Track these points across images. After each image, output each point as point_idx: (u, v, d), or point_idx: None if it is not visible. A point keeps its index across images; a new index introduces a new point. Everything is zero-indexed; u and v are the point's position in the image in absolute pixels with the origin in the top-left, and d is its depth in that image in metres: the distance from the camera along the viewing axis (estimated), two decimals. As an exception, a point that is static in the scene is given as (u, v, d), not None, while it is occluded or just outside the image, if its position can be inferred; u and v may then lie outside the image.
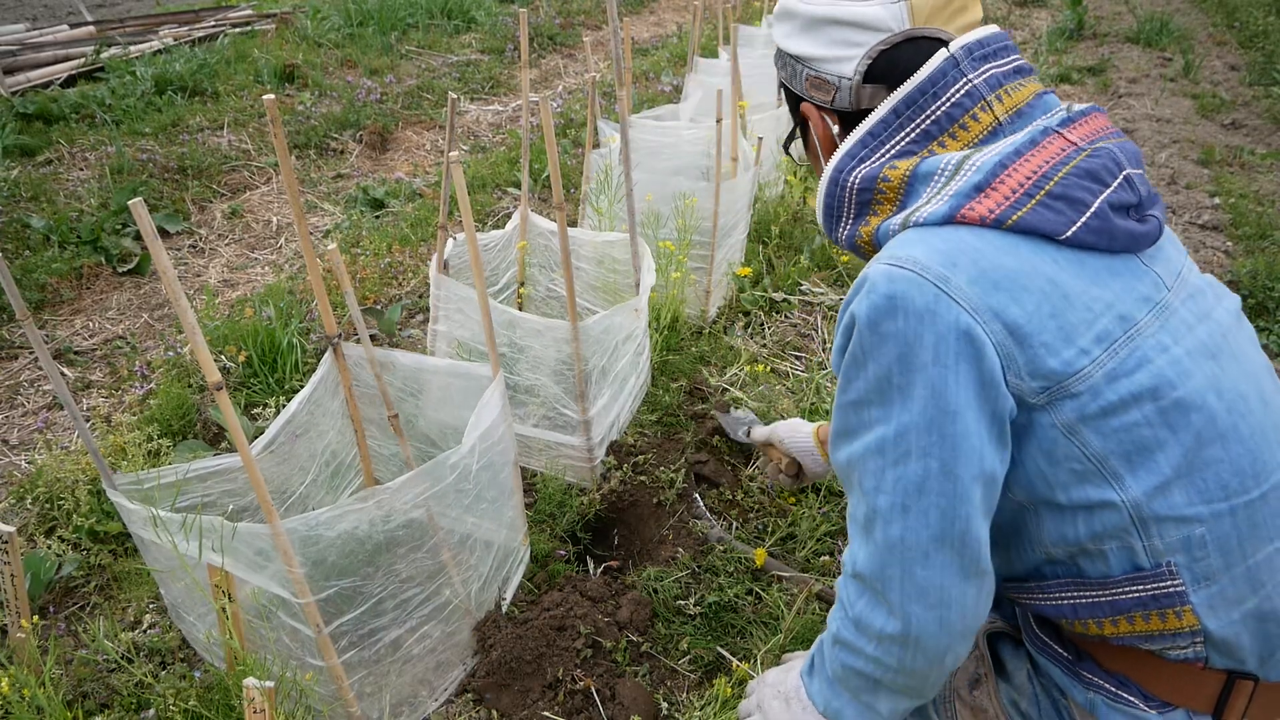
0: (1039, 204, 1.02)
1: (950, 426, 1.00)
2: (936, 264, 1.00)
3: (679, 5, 9.17)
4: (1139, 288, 1.05)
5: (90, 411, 2.73)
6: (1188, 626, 1.06)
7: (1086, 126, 1.11)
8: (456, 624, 1.77)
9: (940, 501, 1.01)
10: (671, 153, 3.20)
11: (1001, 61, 1.14)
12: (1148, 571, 1.05)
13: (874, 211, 1.16)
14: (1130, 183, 1.05)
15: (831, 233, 1.24)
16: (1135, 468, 1.02)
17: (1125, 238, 1.04)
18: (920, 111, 1.12)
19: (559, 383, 2.22)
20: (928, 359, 0.99)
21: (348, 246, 3.79)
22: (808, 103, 1.25)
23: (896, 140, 1.14)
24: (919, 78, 1.11)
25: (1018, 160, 1.05)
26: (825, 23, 1.17)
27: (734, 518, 2.26)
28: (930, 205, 1.07)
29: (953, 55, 1.11)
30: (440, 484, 1.57)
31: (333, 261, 1.57)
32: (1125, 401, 1.01)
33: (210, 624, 1.57)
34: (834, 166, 1.18)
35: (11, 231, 3.64)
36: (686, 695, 1.81)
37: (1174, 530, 1.03)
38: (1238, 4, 8.42)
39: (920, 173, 1.10)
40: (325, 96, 5.51)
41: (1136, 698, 1.13)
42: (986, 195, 1.03)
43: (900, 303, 1.00)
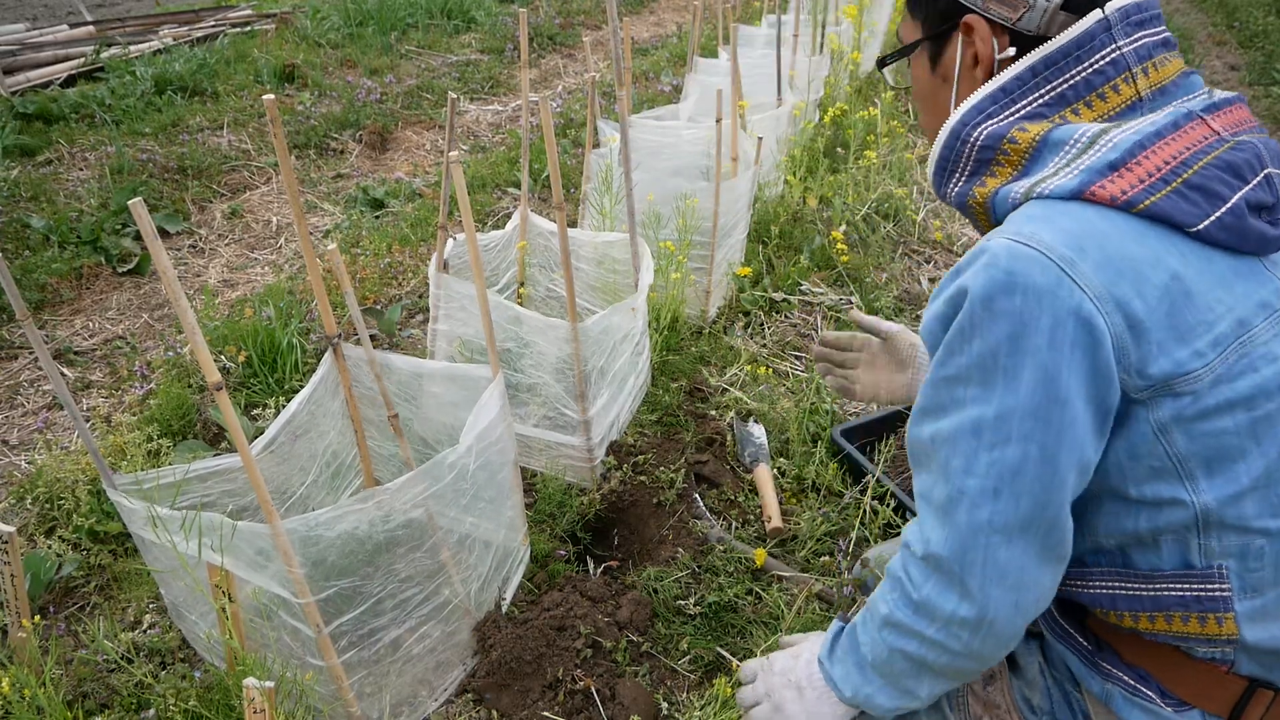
0: (1174, 191, 0.96)
1: (1057, 414, 0.96)
2: (1063, 245, 0.95)
3: (679, 5, 9.17)
4: (1260, 293, 1.00)
5: (90, 411, 2.73)
6: (1225, 634, 1.05)
7: (1230, 116, 1.05)
8: (456, 624, 1.77)
9: (1035, 488, 0.98)
10: (671, 153, 3.20)
11: (1153, 31, 1.06)
12: (1197, 570, 1.03)
13: (992, 173, 1.09)
14: (1270, 182, 1.00)
15: (941, 188, 1.17)
16: (1213, 473, 1.00)
17: (1256, 239, 0.99)
18: (1060, 74, 1.05)
19: (560, 381, 2.23)
20: (1042, 342, 0.94)
21: (348, 246, 3.79)
22: (977, 15, 1.11)
23: (1029, 100, 1.06)
24: (1065, 37, 1.04)
25: (1157, 143, 0.98)
26: None
27: (734, 518, 2.26)
28: (1058, 178, 1.00)
29: (1106, 18, 1.03)
30: (439, 484, 1.57)
31: (333, 261, 1.57)
32: (1221, 407, 0.97)
33: (210, 624, 1.57)
34: (959, 119, 1.10)
35: (11, 231, 3.64)
36: (686, 695, 1.81)
37: (1235, 537, 1.01)
38: (1238, 4, 8.42)
39: (1051, 140, 1.03)
40: (325, 96, 5.51)
41: (1154, 693, 1.12)
42: (1120, 175, 0.97)
43: (1020, 281, 0.94)
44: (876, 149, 4.06)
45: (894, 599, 1.11)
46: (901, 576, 1.10)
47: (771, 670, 1.32)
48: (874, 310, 3.21)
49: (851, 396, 1.77)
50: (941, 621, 1.06)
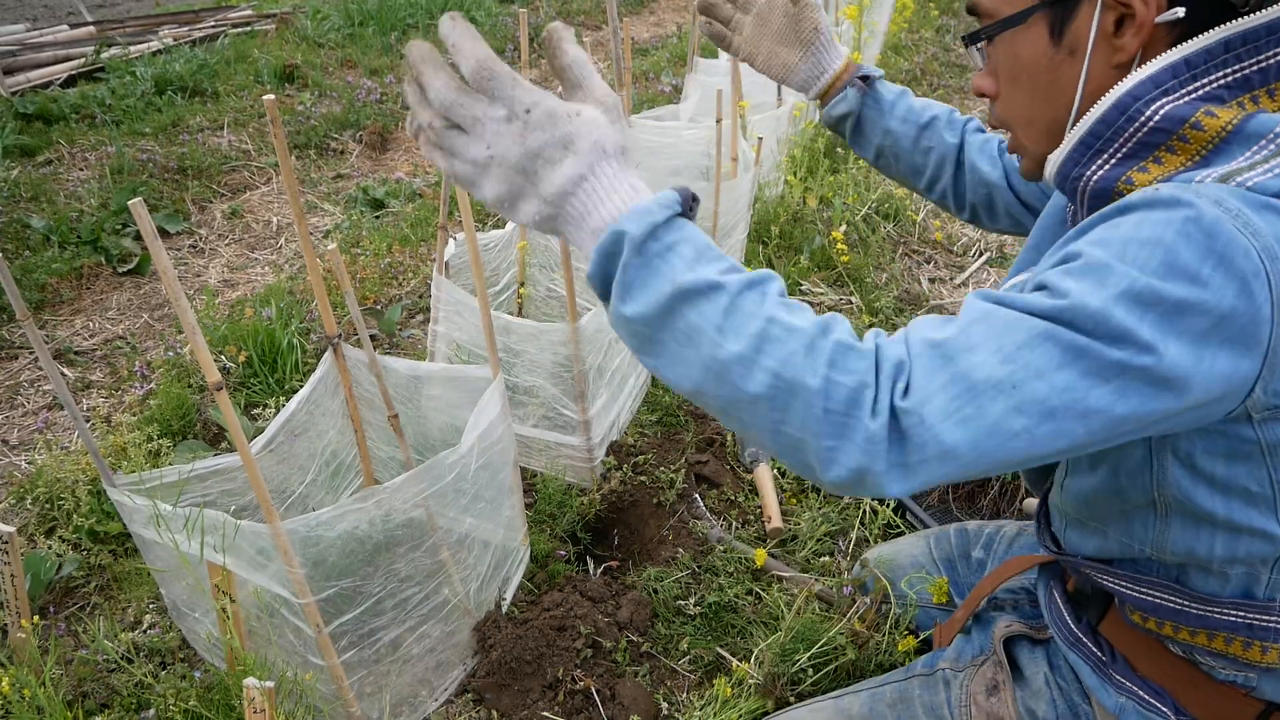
0: None
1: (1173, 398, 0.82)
2: (1271, 239, 0.81)
3: (679, 5, 9.17)
4: None
5: (90, 411, 2.73)
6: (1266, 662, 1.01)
7: None
8: (456, 624, 1.77)
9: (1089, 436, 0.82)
10: (671, 153, 3.20)
11: None
12: (1258, 602, 0.99)
13: (1158, 159, 0.93)
14: None
15: (1076, 168, 0.98)
16: None
17: None
18: (1257, 53, 0.90)
19: (557, 384, 2.23)
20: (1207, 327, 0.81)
21: (348, 246, 3.79)
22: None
23: (1212, 79, 0.91)
24: (1270, 13, 0.89)
25: None
26: None
27: (734, 518, 2.26)
28: (1258, 174, 0.85)
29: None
30: (439, 483, 1.58)
31: (333, 261, 1.57)
32: None
33: (211, 623, 1.57)
34: (1129, 90, 0.93)
35: (11, 231, 3.64)
36: (686, 695, 1.81)
37: None
38: (1238, 4, 8.41)
39: (1247, 130, 0.88)
40: (325, 96, 5.51)
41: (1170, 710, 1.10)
42: None
43: (1217, 254, 0.80)
44: (876, 149, 4.05)
45: (830, 385, 0.79)
46: (867, 385, 0.79)
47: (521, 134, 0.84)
48: (875, 311, 3.21)
49: (726, 49, 1.59)
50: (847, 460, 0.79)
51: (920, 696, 1.36)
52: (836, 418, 0.78)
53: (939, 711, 1.33)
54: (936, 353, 0.81)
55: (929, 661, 1.43)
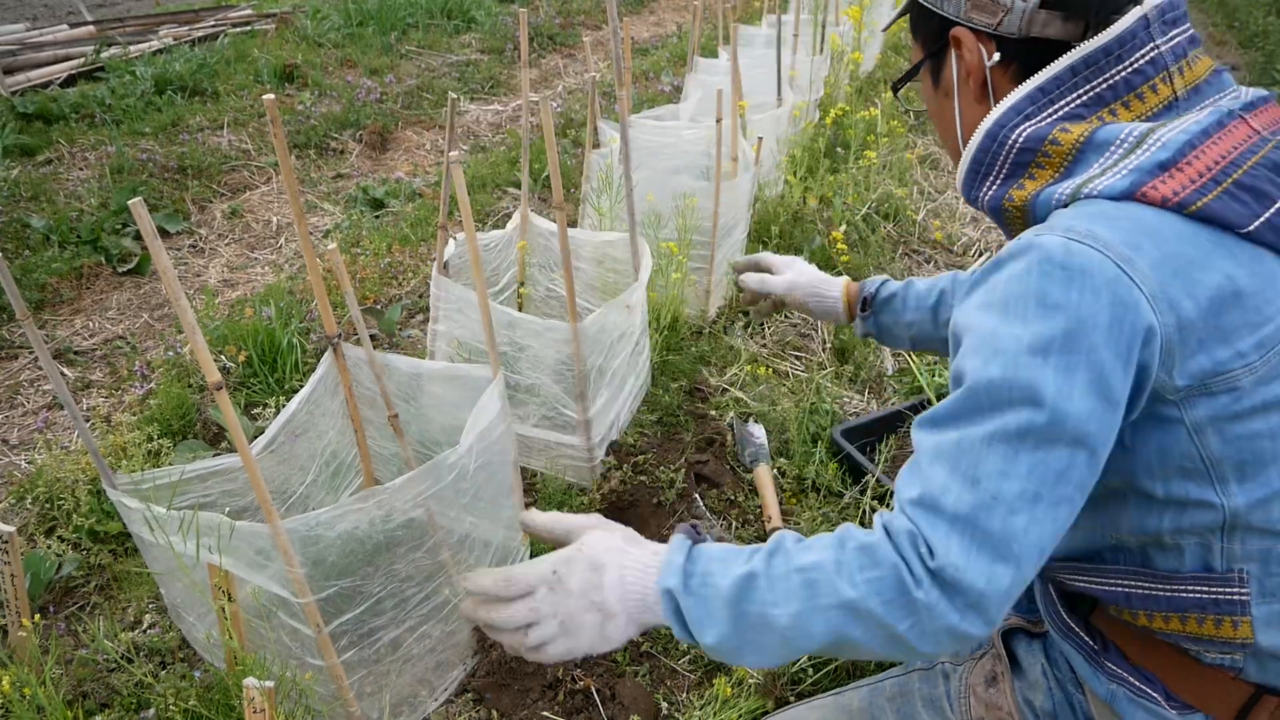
0: (1225, 192, 0.94)
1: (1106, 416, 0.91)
2: (1120, 243, 0.91)
3: (679, 5, 9.17)
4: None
5: (90, 411, 2.73)
6: (1240, 638, 1.04)
7: (1266, 115, 1.03)
8: (456, 623, 1.77)
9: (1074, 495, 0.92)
10: (671, 153, 3.20)
11: (1184, 29, 1.04)
12: (1218, 574, 1.02)
13: (1031, 175, 1.06)
14: None
15: (972, 191, 1.14)
16: (1245, 477, 0.98)
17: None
18: (1101, 73, 1.02)
19: (558, 382, 2.23)
20: (1099, 340, 0.89)
21: (348, 246, 3.79)
22: (963, 27, 1.12)
23: (1068, 100, 1.04)
24: (1107, 36, 1.01)
25: (1205, 142, 0.96)
26: None
27: (734, 518, 2.26)
28: (1106, 178, 0.97)
29: (1145, 15, 1.01)
30: (440, 483, 1.57)
31: (333, 261, 1.57)
32: (1257, 409, 0.96)
33: (210, 624, 1.57)
34: (996, 120, 1.07)
35: (11, 231, 3.64)
36: (686, 695, 1.81)
37: (1258, 541, 1.00)
38: (1238, 4, 8.41)
39: (1096, 140, 1.00)
40: (325, 96, 5.51)
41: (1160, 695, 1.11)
42: (1171, 175, 0.95)
43: (1078, 276, 0.90)
44: (877, 149, 4.05)
45: (869, 583, 0.92)
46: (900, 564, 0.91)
47: (566, 589, 1.05)
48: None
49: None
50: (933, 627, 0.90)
51: (920, 690, 1.37)
52: (896, 605, 0.90)
53: (938, 704, 1.34)
54: (924, 510, 0.93)
55: None
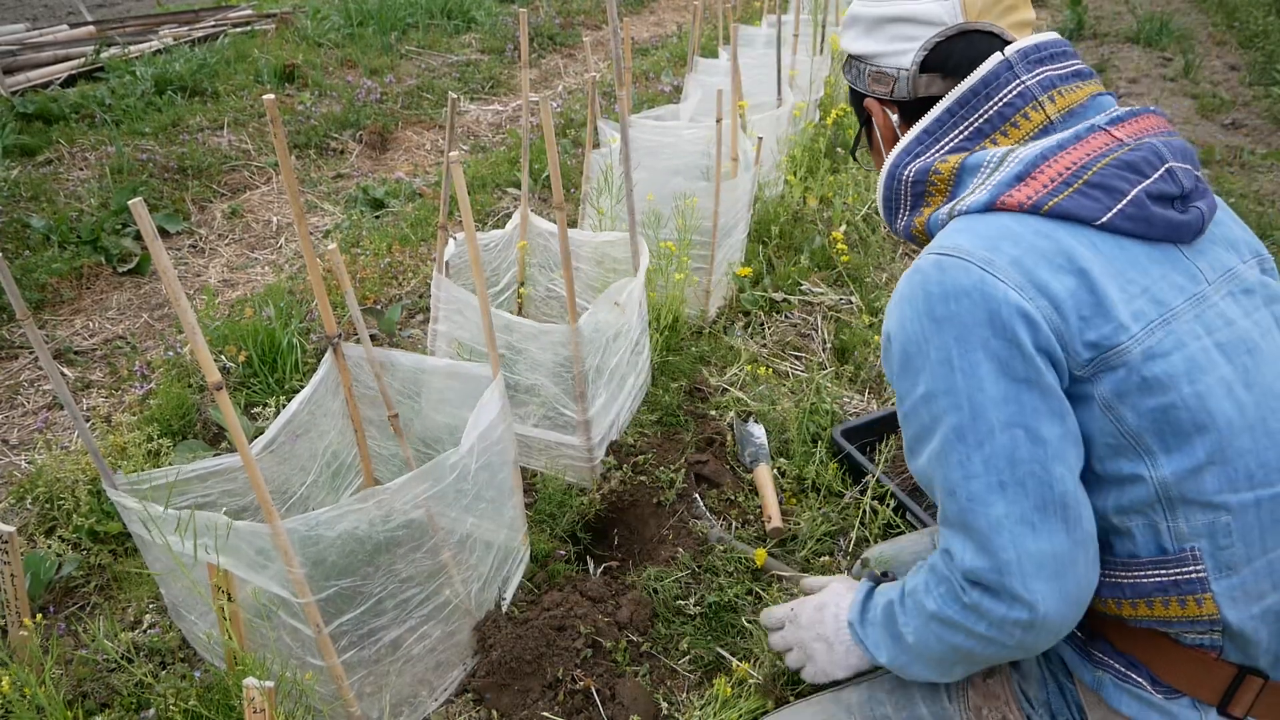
0: (1076, 192, 1.07)
1: (1025, 394, 1.04)
2: (980, 248, 1.07)
3: (679, 5, 9.17)
4: (1175, 277, 1.08)
5: (90, 411, 2.73)
6: (1206, 615, 1.07)
7: (1136, 125, 1.14)
8: (456, 624, 1.77)
9: (1034, 468, 1.04)
10: (671, 153, 3.20)
11: (1058, 65, 1.19)
12: (1171, 555, 1.07)
13: (926, 203, 1.23)
14: (1173, 175, 1.08)
15: (891, 224, 1.31)
16: (1169, 448, 1.05)
17: (1164, 225, 1.08)
18: (973, 111, 1.19)
19: (557, 383, 2.23)
20: (987, 333, 1.04)
21: (348, 246, 3.79)
22: (870, 98, 1.34)
23: (951, 137, 1.21)
24: (973, 79, 1.18)
25: (1059, 153, 1.10)
26: (886, 21, 1.28)
27: (734, 518, 2.26)
28: (973, 195, 1.14)
29: (1007, 59, 1.18)
30: (440, 484, 1.57)
31: (333, 261, 1.57)
32: (1161, 382, 1.03)
33: (210, 624, 1.57)
34: (891, 162, 1.26)
35: (11, 231, 3.64)
36: (686, 695, 1.81)
37: (1200, 515, 1.05)
38: (1238, 4, 8.41)
39: (968, 165, 1.17)
40: (325, 96, 5.51)
41: (1145, 680, 1.14)
42: (1025, 184, 1.09)
43: (951, 288, 1.06)
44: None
45: (941, 596, 1.13)
46: (948, 576, 1.12)
47: (799, 624, 1.44)
48: (874, 311, 3.21)
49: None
50: (994, 621, 1.08)
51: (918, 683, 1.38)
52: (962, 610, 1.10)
53: (936, 693, 1.35)
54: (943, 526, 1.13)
55: None
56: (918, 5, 1.25)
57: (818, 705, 1.45)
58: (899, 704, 1.38)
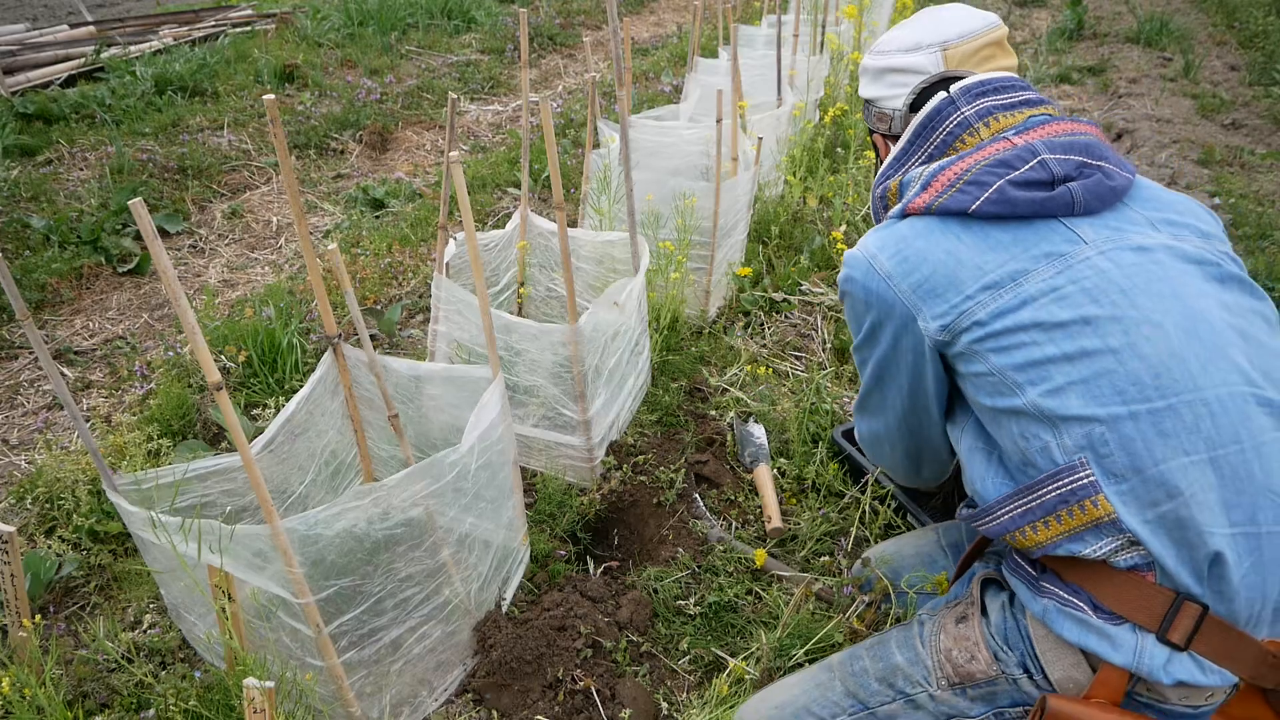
0: (957, 190, 1.33)
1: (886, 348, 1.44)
2: (874, 247, 1.40)
3: (679, 5, 9.17)
4: (1044, 246, 1.29)
5: (90, 411, 2.73)
6: (1105, 515, 1.19)
7: (1040, 131, 1.36)
8: (456, 624, 1.77)
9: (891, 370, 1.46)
10: (671, 153, 3.20)
11: (1002, 97, 1.42)
12: (1063, 467, 1.22)
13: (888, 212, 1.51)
14: (1044, 164, 1.30)
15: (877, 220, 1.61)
16: (1031, 377, 1.25)
17: (1027, 205, 1.29)
18: (925, 140, 1.46)
19: (557, 384, 2.23)
20: (862, 309, 1.43)
21: (348, 246, 3.79)
22: (876, 135, 1.67)
23: (913, 160, 1.49)
24: (922, 114, 1.46)
25: (956, 163, 1.36)
26: (886, 71, 1.59)
27: (734, 518, 2.26)
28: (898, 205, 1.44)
29: (950, 95, 1.44)
30: (439, 482, 1.57)
31: (333, 261, 1.57)
32: (1010, 330, 1.26)
33: (210, 624, 1.57)
34: (875, 181, 1.58)
35: (11, 231, 3.64)
36: (686, 695, 1.81)
37: (1077, 427, 1.21)
38: (1238, 4, 8.41)
39: (905, 183, 1.46)
40: (325, 96, 5.51)
41: (1086, 604, 1.23)
42: (925, 191, 1.37)
43: (851, 273, 1.43)
44: (876, 149, 4.05)
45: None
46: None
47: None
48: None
49: None
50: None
51: (895, 635, 1.51)
52: None
53: (911, 642, 1.46)
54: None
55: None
56: (909, 58, 1.56)
57: (805, 672, 1.59)
58: (875, 655, 1.50)
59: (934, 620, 1.48)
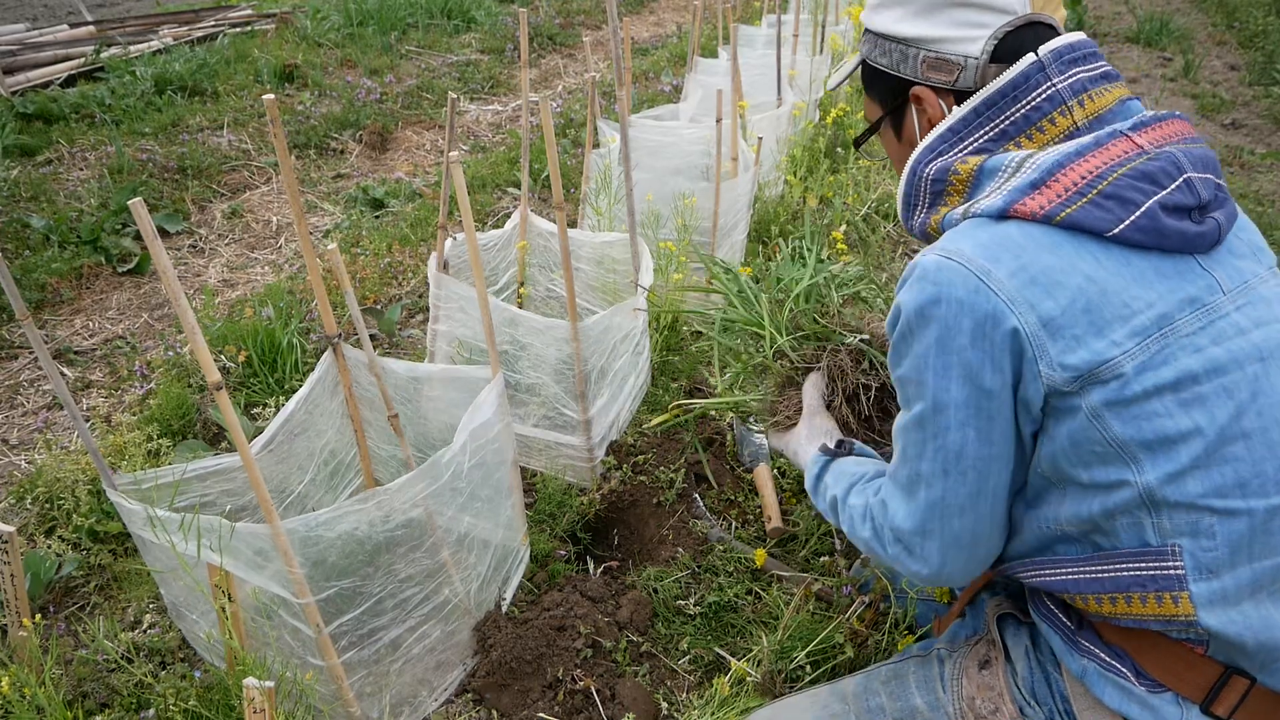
0: (1090, 202, 1.06)
1: (985, 403, 1.09)
2: (981, 257, 1.07)
3: (679, 5, 9.17)
4: (1187, 289, 1.08)
5: (90, 411, 2.73)
6: (1183, 614, 1.07)
7: (1159, 131, 1.12)
8: (456, 624, 1.77)
9: (978, 464, 1.12)
10: (671, 153, 3.20)
11: (1089, 67, 1.16)
12: (1153, 549, 1.08)
13: (944, 202, 1.21)
14: (1190, 185, 1.07)
15: (908, 221, 1.29)
16: (1155, 454, 1.06)
17: (1177, 237, 1.07)
18: (1000, 113, 1.16)
19: (559, 382, 2.23)
20: (965, 343, 1.07)
21: (348, 246, 3.79)
22: (922, 86, 1.25)
23: (975, 137, 1.19)
24: (1003, 80, 1.16)
25: (1077, 160, 1.09)
26: (951, 5, 1.20)
27: (734, 518, 2.26)
28: (989, 199, 1.12)
29: (1039, 59, 1.15)
30: (437, 483, 1.58)
31: (333, 261, 1.57)
32: (1149, 393, 1.05)
33: (210, 624, 1.57)
34: (914, 159, 1.23)
35: (11, 231, 3.64)
36: (686, 695, 1.81)
37: (1184, 515, 1.06)
38: (1238, 4, 8.41)
39: (987, 168, 1.15)
40: (325, 96, 5.51)
41: (1129, 671, 1.15)
42: (1040, 192, 1.08)
43: (944, 291, 1.08)
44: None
45: (872, 532, 1.26)
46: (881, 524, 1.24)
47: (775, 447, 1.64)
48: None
49: None
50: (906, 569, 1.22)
51: (914, 672, 1.40)
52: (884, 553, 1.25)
53: (931, 684, 1.37)
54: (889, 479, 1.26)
55: (924, 646, 1.48)
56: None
57: (814, 695, 1.47)
58: (894, 693, 1.40)
59: (954, 662, 1.38)
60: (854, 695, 1.43)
